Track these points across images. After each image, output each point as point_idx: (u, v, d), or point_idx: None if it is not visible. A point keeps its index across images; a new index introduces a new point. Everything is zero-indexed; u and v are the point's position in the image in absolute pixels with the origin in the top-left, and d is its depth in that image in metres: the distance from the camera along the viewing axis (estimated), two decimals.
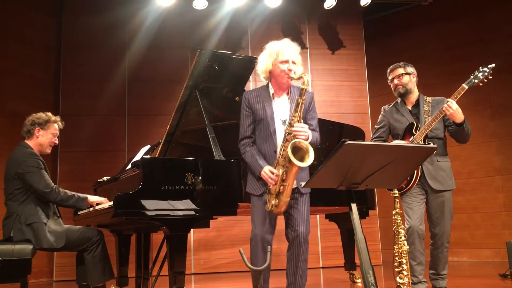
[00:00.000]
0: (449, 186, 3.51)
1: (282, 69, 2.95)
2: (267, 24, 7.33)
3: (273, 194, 2.86)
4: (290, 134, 2.82)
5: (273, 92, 3.06)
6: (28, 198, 3.38)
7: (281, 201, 2.83)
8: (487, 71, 3.36)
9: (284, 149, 2.83)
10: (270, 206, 2.86)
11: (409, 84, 3.64)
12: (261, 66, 3.06)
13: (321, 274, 6.19)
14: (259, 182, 2.97)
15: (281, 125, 2.99)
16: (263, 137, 3.02)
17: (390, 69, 3.75)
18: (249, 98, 3.08)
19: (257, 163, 2.94)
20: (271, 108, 3.01)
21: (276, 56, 2.98)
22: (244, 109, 3.09)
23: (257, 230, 2.94)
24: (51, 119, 3.63)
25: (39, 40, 6.91)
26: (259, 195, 2.98)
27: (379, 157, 2.21)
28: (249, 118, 3.07)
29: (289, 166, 2.78)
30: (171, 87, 6.66)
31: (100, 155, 6.76)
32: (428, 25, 7.74)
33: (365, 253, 2.30)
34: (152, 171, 3.26)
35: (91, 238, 3.44)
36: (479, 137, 7.14)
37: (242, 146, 3.08)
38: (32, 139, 3.56)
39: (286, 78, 2.96)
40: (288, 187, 2.82)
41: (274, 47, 3.04)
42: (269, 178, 2.86)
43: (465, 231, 7.10)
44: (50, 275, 6.52)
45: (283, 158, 2.83)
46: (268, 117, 2.98)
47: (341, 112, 7.22)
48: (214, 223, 3.54)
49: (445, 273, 3.52)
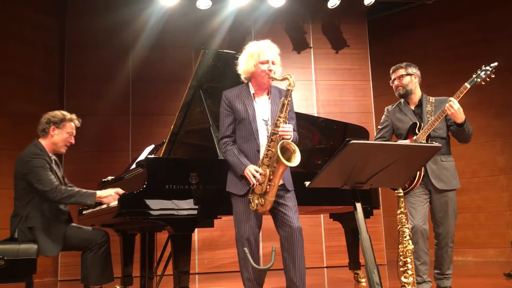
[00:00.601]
0: (453, 186, 3.50)
1: (263, 69, 3.01)
2: (270, 23, 7.33)
3: (257, 194, 2.88)
4: (276, 134, 2.86)
5: (253, 92, 3.10)
6: (31, 200, 3.35)
7: (267, 200, 2.86)
8: (490, 70, 3.35)
9: (269, 149, 2.87)
10: (254, 205, 2.88)
11: (409, 85, 3.64)
12: (242, 66, 3.11)
13: (325, 274, 6.19)
14: (241, 181, 2.97)
15: (263, 125, 3.03)
16: (244, 136, 3.03)
17: (392, 70, 3.75)
18: (229, 97, 3.09)
19: (240, 161, 2.95)
20: (252, 107, 3.04)
21: (257, 57, 3.04)
22: (224, 108, 3.10)
23: (244, 230, 2.95)
24: (66, 117, 3.57)
25: (42, 41, 6.93)
26: (242, 195, 2.98)
27: (384, 156, 2.21)
28: (229, 117, 3.08)
29: (276, 166, 2.82)
30: (175, 87, 6.66)
31: (104, 155, 6.78)
32: (431, 24, 7.72)
33: (370, 252, 2.30)
34: (156, 171, 3.26)
35: (96, 239, 3.42)
36: (482, 136, 7.12)
37: (222, 145, 3.08)
38: (46, 138, 3.53)
39: (266, 78, 3.03)
40: (275, 186, 2.86)
41: (254, 48, 3.09)
42: (252, 177, 2.87)
43: (469, 230, 7.08)
44: (55, 275, 6.54)
45: (267, 158, 2.87)
46: (250, 117, 3.01)
47: (345, 111, 7.22)
48: (218, 222, 3.54)
49: (449, 273, 3.51)
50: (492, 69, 3.35)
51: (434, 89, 5.46)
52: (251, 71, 3.06)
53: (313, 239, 6.74)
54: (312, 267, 6.65)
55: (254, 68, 3.04)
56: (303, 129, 4.51)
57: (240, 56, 3.17)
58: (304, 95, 7.30)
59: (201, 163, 3.41)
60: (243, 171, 2.92)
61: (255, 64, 3.03)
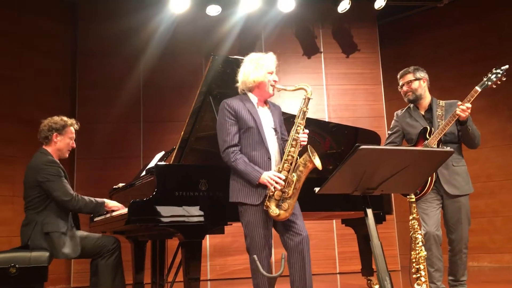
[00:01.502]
0: (466, 191, 3.44)
1: (269, 79, 3.05)
2: (280, 29, 7.33)
3: (276, 200, 2.86)
4: (296, 140, 2.92)
5: (256, 101, 3.11)
6: (47, 206, 3.37)
7: (291, 205, 2.85)
8: (501, 73, 3.29)
9: (289, 154, 2.91)
10: (275, 212, 2.83)
11: (419, 90, 3.59)
12: (252, 76, 3.06)
13: (338, 280, 6.13)
14: (257, 190, 2.93)
15: (271, 133, 3.05)
16: (251, 145, 3.01)
17: (399, 75, 3.70)
18: (233, 107, 3.06)
19: (254, 169, 2.91)
20: (258, 116, 3.04)
21: (267, 67, 3.06)
22: (228, 118, 3.05)
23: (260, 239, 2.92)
24: (67, 123, 3.61)
25: (54, 49, 7.01)
26: (257, 205, 2.93)
27: (394, 161, 2.17)
28: (235, 126, 3.04)
29: (303, 170, 2.85)
30: (185, 93, 6.68)
31: (115, 162, 6.81)
32: (443, 27, 7.66)
33: (382, 259, 2.26)
34: (166, 178, 3.25)
35: (107, 246, 3.43)
36: (497, 139, 7.02)
37: (231, 154, 3.00)
38: (50, 145, 3.55)
39: (272, 89, 3.07)
40: (298, 191, 2.88)
41: (261, 58, 3.10)
42: (274, 182, 2.85)
43: (485, 235, 6.97)
44: (67, 282, 6.57)
45: (288, 164, 2.89)
46: (257, 125, 3.01)
47: (357, 116, 7.17)
48: (229, 228, 3.52)
49: (464, 279, 3.44)
50: (503, 72, 3.29)
51: (449, 92, 5.41)
52: (258, 81, 3.05)
53: (325, 244, 6.68)
54: (324, 273, 6.60)
55: (263, 78, 3.04)
56: (314, 134, 4.48)
57: (245, 66, 3.13)
58: (315, 100, 7.23)
59: (211, 169, 3.39)
60: (259, 179, 2.88)
61: (264, 74, 3.04)
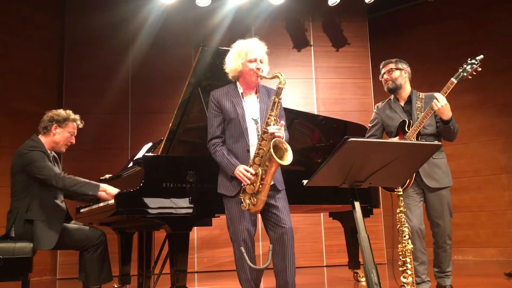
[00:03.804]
0: (446, 184, 3.46)
1: (251, 68, 2.97)
2: (270, 21, 7.30)
3: (249, 194, 2.84)
4: (267, 133, 2.82)
5: (242, 91, 3.06)
6: (31, 192, 3.33)
7: (259, 200, 2.82)
8: (476, 63, 3.29)
9: (260, 148, 2.84)
10: (246, 205, 2.83)
11: (398, 79, 3.60)
12: (230, 65, 3.06)
13: (325, 273, 6.16)
14: (232, 182, 2.94)
15: (253, 124, 2.99)
16: (233, 136, 3.00)
17: (382, 64, 3.72)
18: (217, 98, 3.05)
19: (229, 162, 2.91)
20: (241, 107, 3.01)
21: (245, 55, 3.00)
22: (212, 109, 3.06)
23: (239, 231, 2.90)
24: (70, 117, 3.55)
25: (42, 39, 6.92)
26: (233, 196, 2.94)
27: (383, 154, 2.17)
28: (218, 117, 3.04)
29: (268, 164, 2.79)
30: (175, 85, 6.62)
31: (103, 153, 6.76)
32: (433, 22, 7.68)
33: (368, 252, 2.26)
34: (153, 169, 3.24)
35: (92, 239, 3.40)
36: (484, 135, 7.09)
37: (212, 146, 3.03)
38: (47, 136, 3.50)
39: (255, 77, 2.99)
40: (267, 185, 2.82)
41: (242, 46, 3.05)
42: (244, 177, 2.83)
43: (470, 229, 7.05)
44: (53, 273, 6.52)
45: (259, 157, 2.84)
46: (239, 116, 2.97)
47: (345, 110, 7.19)
48: (217, 221, 3.51)
49: (449, 270, 3.48)
50: (478, 62, 3.30)
51: (437, 87, 5.42)
52: (239, 70, 3.02)
53: (313, 238, 6.71)
54: (311, 266, 6.63)
55: (242, 67, 3.00)
56: (303, 127, 4.48)
57: (228, 55, 3.12)
58: (304, 93, 7.27)
59: (198, 161, 3.38)
60: (233, 172, 2.88)
61: (243, 62, 3.00)
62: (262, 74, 2.97)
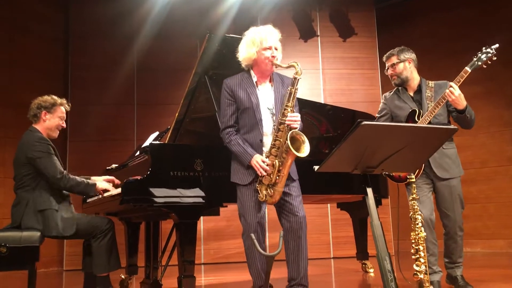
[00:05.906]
0: (456, 174, 3.39)
1: (266, 56, 2.91)
2: (277, 11, 7.20)
3: (265, 184, 2.81)
4: (283, 124, 2.77)
5: (256, 80, 3.00)
6: (38, 184, 3.31)
7: (276, 191, 2.79)
8: (491, 53, 3.21)
9: (276, 139, 2.79)
10: (264, 196, 2.81)
11: (404, 72, 3.50)
12: (243, 53, 3.00)
13: (332, 265, 6.12)
14: (247, 171, 2.90)
15: (267, 114, 2.94)
16: (247, 125, 2.95)
17: (385, 58, 3.63)
18: (231, 86, 2.99)
19: (246, 151, 2.87)
20: (256, 96, 2.95)
21: (260, 43, 2.93)
22: (226, 98, 3.00)
23: (251, 219, 2.87)
24: (57, 102, 3.54)
25: (46, 32, 6.93)
26: (247, 184, 2.90)
27: (396, 139, 2.11)
28: (232, 106, 2.99)
29: (285, 156, 2.75)
30: (180, 76, 6.58)
31: (109, 145, 6.75)
32: (441, 12, 7.57)
33: (382, 239, 2.22)
34: (160, 157, 3.20)
35: (100, 226, 3.38)
36: (492, 126, 7.01)
37: (226, 135, 2.98)
38: (39, 123, 3.49)
39: (270, 65, 2.93)
40: (284, 177, 2.79)
41: (256, 33, 2.98)
42: (260, 167, 2.79)
43: (478, 221, 6.98)
44: (60, 264, 6.53)
45: (275, 149, 2.80)
46: (253, 106, 2.92)
47: (352, 100, 7.10)
48: (224, 212, 3.47)
49: (460, 261, 3.43)
50: (493, 51, 3.22)
51: (446, 77, 5.36)
52: (253, 58, 2.96)
53: (320, 229, 6.67)
54: (319, 257, 6.60)
55: (257, 55, 2.94)
56: (310, 117, 4.43)
57: (241, 43, 3.05)
58: (311, 84, 7.20)
59: (206, 149, 3.34)
60: (250, 161, 2.85)
61: (257, 50, 2.93)
62: (277, 62, 2.91)
